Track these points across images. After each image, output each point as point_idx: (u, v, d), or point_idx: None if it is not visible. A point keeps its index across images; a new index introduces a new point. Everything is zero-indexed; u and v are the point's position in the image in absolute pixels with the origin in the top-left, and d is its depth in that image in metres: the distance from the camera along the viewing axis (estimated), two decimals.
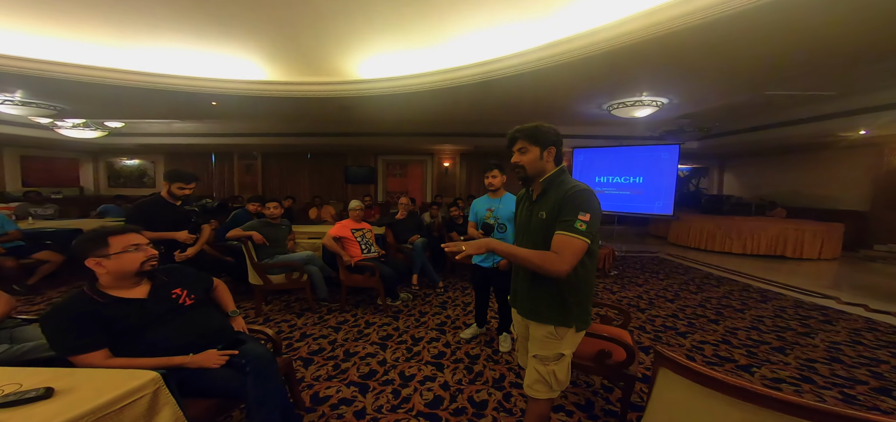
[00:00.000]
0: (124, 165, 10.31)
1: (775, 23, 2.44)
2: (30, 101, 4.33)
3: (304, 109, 5.12)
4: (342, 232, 3.27)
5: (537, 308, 1.28)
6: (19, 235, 3.60)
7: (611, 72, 3.50)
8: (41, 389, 0.89)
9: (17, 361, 1.27)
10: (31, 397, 0.86)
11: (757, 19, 2.38)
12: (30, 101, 4.33)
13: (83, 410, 0.85)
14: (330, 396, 1.99)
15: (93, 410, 0.87)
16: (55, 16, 2.87)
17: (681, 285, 4.37)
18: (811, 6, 2.24)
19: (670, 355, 1.00)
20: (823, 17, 2.37)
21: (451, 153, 10.00)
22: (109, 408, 0.91)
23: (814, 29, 2.53)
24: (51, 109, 4.58)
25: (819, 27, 2.50)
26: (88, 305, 1.24)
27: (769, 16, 2.34)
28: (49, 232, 3.88)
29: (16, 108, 4.36)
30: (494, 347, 2.63)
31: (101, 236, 1.29)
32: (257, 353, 1.35)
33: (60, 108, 4.69)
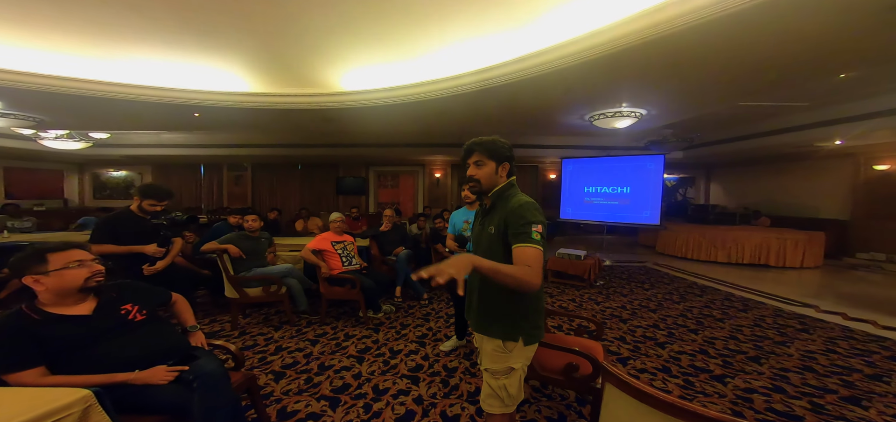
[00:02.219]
0: (110, 176, 10.18)
1: (741, 35, 2.52)
2: (8, 113, 4.28)
3: (288, 121, 5.13)
4: (322, 245, 3.24)
5: (486, 322, 1.28)
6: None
7: (587, 83, 3.57)
8: None
9: None
10: None
11: (721, 31, 2.45)
12: (8, 113, 4.28)
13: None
14: (298, 410, 1.95)
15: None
16: (34, 27, 2.87)
17: (665, 295, 4.38)
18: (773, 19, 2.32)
19: (614, 370, 0.99)
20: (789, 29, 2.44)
21: (442, 164, 10.05)
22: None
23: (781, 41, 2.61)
24: (31, 120, 4.53)
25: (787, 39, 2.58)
26: (24, 323, 1.21)
27: (734, 27, 2.41)
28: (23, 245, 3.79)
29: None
30: (474, 359, 2.61)
31: (39, 253, 1.27)
32: (208, 369, 1.31)
33: (41, 119, 4.65)
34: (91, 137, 6.20)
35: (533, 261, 1.11)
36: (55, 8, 2.58)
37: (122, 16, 2.69)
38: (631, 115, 4.50)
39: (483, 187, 1.31)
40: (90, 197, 10.04)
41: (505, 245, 1.21)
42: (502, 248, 1.22)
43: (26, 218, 5.25)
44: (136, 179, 10.28)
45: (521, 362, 1.27)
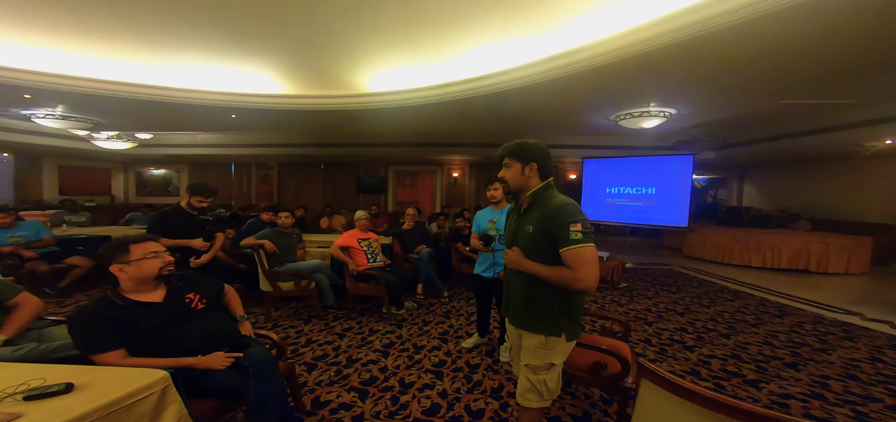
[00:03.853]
0: (151, 174, 10.89)
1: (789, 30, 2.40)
2: (69, 115, 4.71)
3: (315, 121, 5.34)
4: (349, 242, 3.37)
5: (528, 318, 1.32)
6: (53, 241, 3.88)
7: (614, 83, 3.52)
8: (62, 384, 0.98)
9: (43, 358, 1.38)
10: (54, 392, 0.95)
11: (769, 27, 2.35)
12: (69, 115, 4.71)
13: (97, 404, 0.94)
14: (330, 400, 2.05)
15: (106, 405, 0.95)
16: (94, 36, 3.12)
17: (693, 299, 4.25)
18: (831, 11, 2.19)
19: (650, 367, 1.01)
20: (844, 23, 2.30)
21: (461, 164, 10.09)
22: (121, 403, 0.99)
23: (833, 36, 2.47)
24: (88, 122, 4.97)
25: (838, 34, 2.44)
26: (110, 309, 1.35)
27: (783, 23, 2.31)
28: (81, 238, 4.17)
29: (57, 121, 4.76)
30: (495, 356, 2.65)
31: (123, 244, 1.42)
32: (260, 356, 1.42)
33: (96, 121, 5.08)
34: (137, 138, 6.70)
35: (576, 262, 1.15)
36: (115, 18, 2.81)
37: (173, 24, 2.90)
38: (659, 114, 4.38)
39: (510, 188, 1.36)
40: (133, 194, 10.79)
41: (545, 244, 1.25)
42: (540, 247, 1.26)
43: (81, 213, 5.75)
44: (173, 177, 10.95)
45: (561, 358, 1.31)
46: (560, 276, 1.18)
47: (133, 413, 1.00)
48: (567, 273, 1.16)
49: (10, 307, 1.50)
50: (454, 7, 2.66)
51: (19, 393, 0.93)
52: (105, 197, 9.99)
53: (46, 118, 4.61)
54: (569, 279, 1.16)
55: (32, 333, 1.53)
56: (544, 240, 1.25)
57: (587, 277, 1.14)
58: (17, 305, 1.51)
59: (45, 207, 7.05)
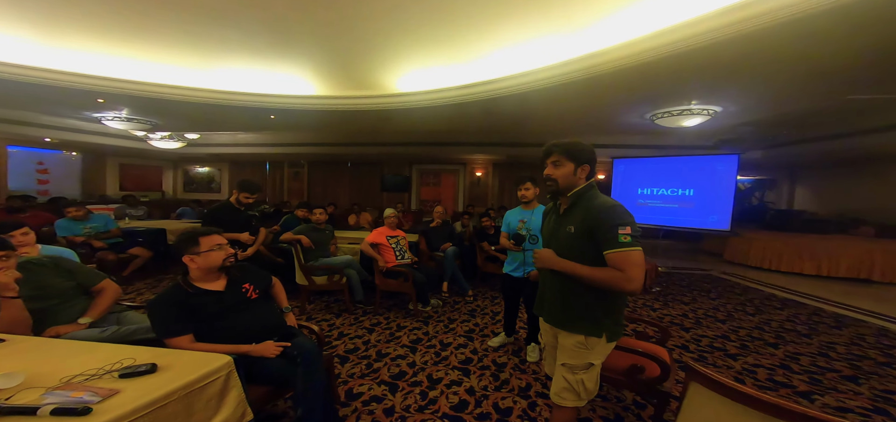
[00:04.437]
0: (197, 171, 11.73)
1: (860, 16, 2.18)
2: (132, 117, 5.22)
3: (345, 121, 5.53)
4: (378, 239, 3.48)
5: (567, 317, 1.31)
6: (119, 232, 4.31)
7: (653, 82, 3.38)
8: (149, 364, 1.08)
9: (124, 340, 1.51)
10: (142, 371, 1.06)
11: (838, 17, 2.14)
12: (132, 117, 5.22)
13: (178, 384, 1.02)
14: (362, 392, 2.12)
15: (184, 385, 1.04)
16: (157, 43, 3.40)
17: (735, 306, 4.00)
18: None
19: (703, 370, 0.99)
20: None
21: (484, 163, 10.04)
22: (195, 385, 1.07)
23: None
24: (147, 123, 5.47)
25: None
26: (181, 296, 1.48)
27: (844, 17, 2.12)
28: (140, 231, 4.60)
29: (121, 123, 5.28)
30: (522, 356, 2.64)
31: (194, 237, 1.54)
32: (307, 346, 1.51)
33: (154, 122, 5.57)
34: (186, 138, 7.26)
35: (624, 264, 1.14)
36: (176, 27, 3.05)
37: (224, 31, 3.10)
38: (702, 112, 4.13)
39: (560, 187, 1.33)
40: (181, 190, 11.69)
41: (586, 245, 1.23)
42: (582, 247, 1.25)
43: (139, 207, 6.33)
44: (216, 174, 11.74)
45: (600, 359, 1.30)
46: (607, 277, 1.16)
47: (204, 395, 1.09)
48: (616, 274, 1.15)
49: (94, 292, 1.69)
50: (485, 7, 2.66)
51: (115, 370, 1.04)
52: (157, 193, 10.90)
53: (114, 120, 5.13)
54: (617, 280, 1.15)
55: (112, 316, 1.71)
56: (586, 240, 1.23)
57: (637, 278, 1.14)
58: (101, 290, 1.71)
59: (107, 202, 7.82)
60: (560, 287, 1.33)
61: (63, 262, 1.72)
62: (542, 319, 1.48)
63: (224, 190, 11.60)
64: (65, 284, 1.62)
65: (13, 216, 3.37)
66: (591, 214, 1.23)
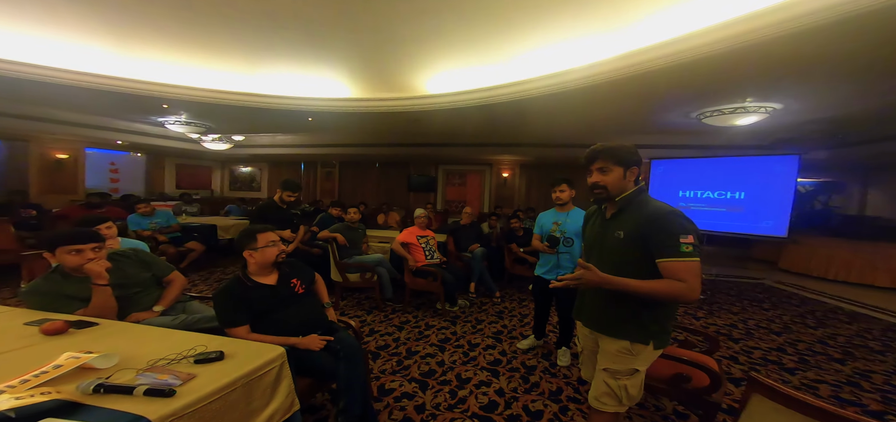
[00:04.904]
0: (240, 171, 12.61)
1: None
2: (190, 121, 5.72)
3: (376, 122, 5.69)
4: (409, 238, 3.55)
5: (612, 323, 1.27)
6: (178, 227, 4.75)
7: (704, 79, 3.15)
8: (217, 352, 1.14)
9: (191, 327, 1.59)
10: (212, 358, 1.13)
11: None
12: (190, 121, 5.72)
13: (243, 372, 1.08)
14: (394, 389, 2.16)
15: (247, 373, 1.09)
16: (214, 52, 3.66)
17: (794, 318, 3.67)
18: None
19: (768, 382, 0.93)
20: None
21: (511, 164, 9.88)
22: (256, 373, 1.12)
23: None
24: (202, 126, 5.99)
25: None
26: (241, 289, 1.57)
27: None
28: (195, 226, 5.05)
29: (181, 126, 5.81)
30: (552, 360, 2.59)
31: (252, 234, 1.64)
32: (350, 341, 1.57)
33: (208, 125, 6.08)
34: (233, 140, 7.85)
35: (687, 274, 1.09)
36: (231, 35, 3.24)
37: (270, 37, 3.27)
38: (758, 110, 3.76)
39: (609, 194, 1.28)
40: (227, 189, 12.63)
41: (638, 251, 1.19)
42: (631, 254, 1.20)
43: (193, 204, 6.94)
44: (257, 174, 12.55)
45: (646, 365, 1.25)
46: (666, 289, 1.11)
47: (261, 383, 1.14)
48: (676, 285, 1.10)
49: (165, 283, 1.87)
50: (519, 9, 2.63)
51: (190, 356, 1.11)
52: (207, 191, 11.86)
53: (174, 124, 5.67)
54: (678, 291, 1.10)
55: (179, 305, 1.88)
56: (637, 246, 1.19)
57: (698, 288, 1.10)
58: (171, 281, 1.88)
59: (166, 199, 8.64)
60: (604, 292, 1.28)
61: (141, 254, 1.90)
62: (580, 323, 1.44)
63: (264, 188, 12.36)
64: (143, 274, 1.80)
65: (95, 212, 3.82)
66: (647, 219, 1.17)
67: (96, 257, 1.53)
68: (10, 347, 1.15)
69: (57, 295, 1.50)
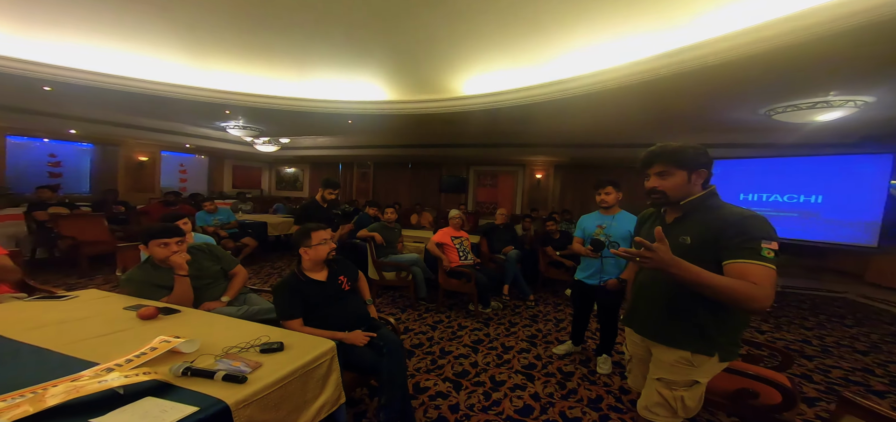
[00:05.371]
0: (285, 172, 13.54)
1: None
2: (247, 125, 6.28)
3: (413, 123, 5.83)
4: (443, 239, 3.61)
5: (670, 331, 1.19)
6: (236, 224, 5.25)
7: (778, 73, 2.84)
8: (278, 342, 1.21)
9: (253, 318, 1.68)
10: (275, 348, 1.20)
11: None
12: (247, 125, 6.28)
13: (300, 363, 1.14)
14: (428, 387, 2.21)
15: (304, 364, 1.15)
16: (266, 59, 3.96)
17: (884, 337, 3.26)
18: None
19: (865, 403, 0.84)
20: None
21: (544, 165, 9.57)
22: (311, 365, 1.18)
23: None
24: (256, 130, 6.56)
25: None
26: (296, 283, 1.67)
27: None
28: (249, 223, 5.54)
29: (238, 130, 6.40)
30: (591, 367, 2.51)
31: (307, 231, 1.74)
32: (392, 339, 1.63)
33: (261, 129, 6.65)
34: (280, 142, 8.48)
35: (762, 279, 0.99)
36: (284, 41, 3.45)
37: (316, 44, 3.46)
38: (844, 104, 3.28)
39: (670, 199, 1.18)
40: (274, 188, 13.64)
41: (707, 259, 1.08)
42: (700, 261, 1.09)
43: (247, 202, 7.61)
44: (300, 174, 13.40)
45: (707, 377, 1.17)
46: (739, 289, 0.99)
47: (315, 375, 1.20)
48: (750, 289, 0.99)
49: (230, 275, 2.06)
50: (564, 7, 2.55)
51: (256, 345, 1.20)
52: (257, 190, 12.91)
53: (234, 128, 6.27)
54: (751, 295, 0.98)
55: (241, 296, 2.06)
56: (709, 252, 1.08)
57: (771, 297, 1.00)
58: (236, 274, 2.08)
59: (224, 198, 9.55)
60: (664, 297, 1.19)
61: (213, 248, 2.10)
62: (631, 330, 1.37)
63: (305, 188, 13.15)
64: (214, 267, 2.00)
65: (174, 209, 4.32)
66: (723, 222, 1.07)
67: (179, 251, 1.75)
68: (115, 328, 1.36)
69: (148, 283, 1.74)
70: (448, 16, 2.77)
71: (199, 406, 0.87)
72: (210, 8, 2.80)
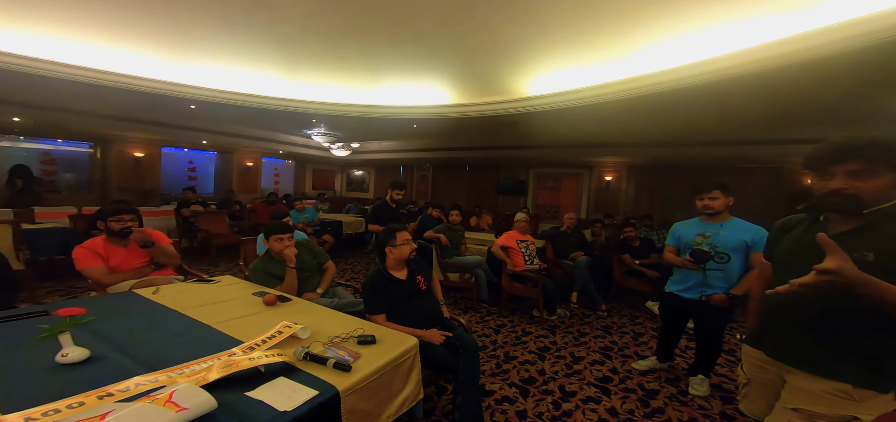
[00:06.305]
0: (355, 174, 14.78)
1: None
2: (327, 132, 7.05)
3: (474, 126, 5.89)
4: (509, 242, 3.58)
5: (822, 359, 1.01)
6: (319, 222, 5.94)
7: None
8: (371, 335, 1.30)
9: (343, 310, 1.78)
10: (369, 340, 1.29)
11: None
12: (327, 132, 7.05)
13: (391, 357, 1.22)
14: (494, 391, 2.20)
15: (394, 358, 1.23)
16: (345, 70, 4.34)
17: None
18: None
19: None
20: None
21: (616, 166, 8.73)
22: (399, 360, 1.25)
23: None
24: (333, 136, 7.35)
25: None
26: (382, 280, 1.79)
27: None
28: (328, 221, 6.21)
29: (320, 136, 7.23)
30: (681, 386, 2.29)
31: (393, 232, 1.86)
32: (469, 340, 1.68)
33: (337, 135, 7.42)
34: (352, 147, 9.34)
35: None
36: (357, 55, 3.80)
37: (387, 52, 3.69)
38: None
39: (859, 205, 0.95)
40: (345, 190, 14.98)
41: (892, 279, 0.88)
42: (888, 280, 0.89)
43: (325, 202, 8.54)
44: (366, 177, 14.49)
45: (872, 416, 0.96)
46: None
47: (401, 370, 1.27)
48: None
49: (323, 269, 2.36)
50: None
51: (354, 337, 1.31)
52: (331, 191, 14.36)
53: (317, 135, 7.12)
54: None
55: (330, 289, 2.33)
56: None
57: None
58: (327, 268, 2.37)
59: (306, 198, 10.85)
60: (814, 319, 1.02)
61: (310, 243, 2.40)
62: (758, 351, 1.18)
63: (371, 189, 14.16)
64: (312, 261, 2.30)
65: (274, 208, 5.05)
66: None
67: (290, 245, 2.07)
68: (248, 311, 1.65)
69: (266, 273, 2.09)
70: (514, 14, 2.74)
71: (317, 390, 1.01)
72: (304, 25, 3.14)
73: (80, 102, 5.25)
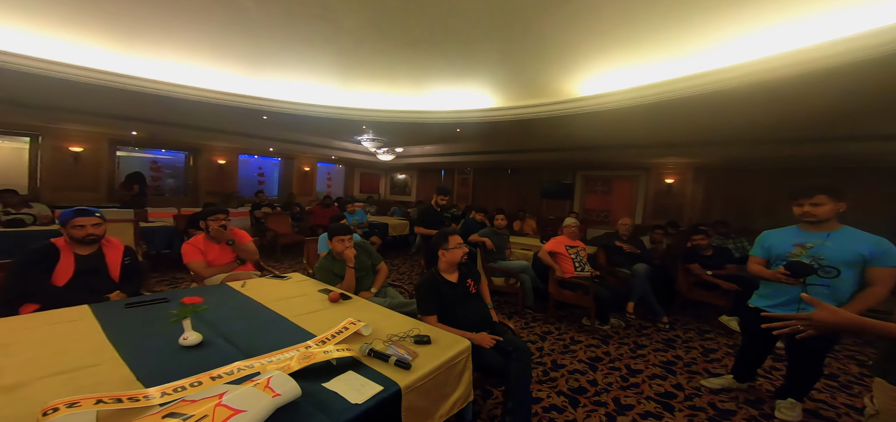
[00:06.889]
0: (397, 178, 15.30)
1: None
2: (375, 138, 7.43)
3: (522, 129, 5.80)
4: (557, 248, 3.48)
5: None
6: (368, 224, 6.29)
7: None
8: (427, 336, 1.34)
9: (396, 309, 1.84)
10: (425, 340, 1.34)
11: None
12: (375, 138, 7.43)
13: (445, 358, 1.26)
14: (541, 398, 2.16)
15: (448, 359, 1.27)
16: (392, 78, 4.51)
17: None
18: None
19: None
20: None
21: (679, 168, 7.87)
22: (452, 361, 1.29)
23: None
24: (380, 141, 7.73)
25: None
26: (434, 282, 1.83)
27: None
28: (376, 223, 6.56)
29: (369, 142, 7.64)
30: (763, 409, 2.07)
31: (445, 236, 1.91)
32: (520, 344, 1.68)
33: (384, 140, 7.79)
34: (395, 152, 9.71)
35: None
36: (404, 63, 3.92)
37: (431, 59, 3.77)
38: None
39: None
40: (388, 193, 15.58)
41: None
42: None
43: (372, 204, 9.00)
44: (409, 181, 14.91)
45: None
46: None
47: (454, 371, 1.31)
48: None
49: (377, 270, 2.50)
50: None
51: (411, 336, 1.36)
52: (376, 194, 15.05)
53: (366, 141, 7.55)
54: None
55: (382, 289, 2.47)
56: None
57: None
58: (380, 269, 2.51)
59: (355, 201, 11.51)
60: None
61: (366, 244, 2.56)
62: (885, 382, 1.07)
63: (413, 193, 14.52)
64: (367, 261, 2.45)
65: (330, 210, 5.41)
66: None
67: (349, 246, 2.24)
68: (316, 307, 1.82)
69: (328, 271, 2.29)
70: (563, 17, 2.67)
71: (382, 386, 1.09)
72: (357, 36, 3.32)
73: (181, 117, 6.17)
